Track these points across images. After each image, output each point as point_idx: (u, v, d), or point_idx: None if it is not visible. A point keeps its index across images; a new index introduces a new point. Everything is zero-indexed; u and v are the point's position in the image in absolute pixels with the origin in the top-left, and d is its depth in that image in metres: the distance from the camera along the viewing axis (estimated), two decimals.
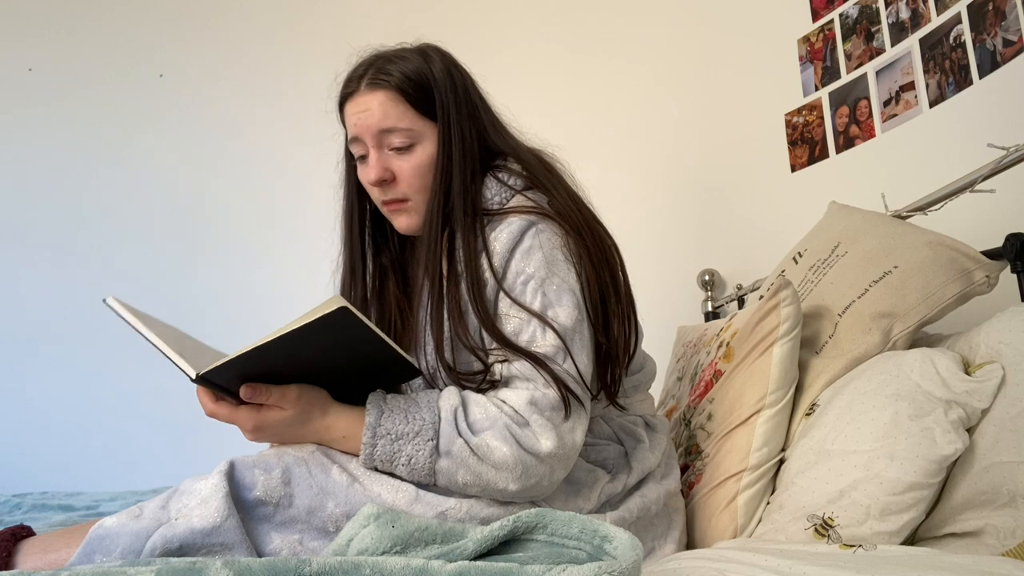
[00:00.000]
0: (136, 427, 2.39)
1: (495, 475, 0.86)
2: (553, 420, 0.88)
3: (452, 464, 0.86)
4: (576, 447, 0.90)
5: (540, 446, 0.86)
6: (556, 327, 0.91)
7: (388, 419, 0.87)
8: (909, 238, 1.20)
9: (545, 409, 0.88)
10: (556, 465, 0.88)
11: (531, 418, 0.88)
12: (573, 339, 0.92)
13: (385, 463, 0.87)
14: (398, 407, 0.89)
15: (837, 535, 0.94)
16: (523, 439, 0.87)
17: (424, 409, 0.88)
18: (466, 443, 0.86)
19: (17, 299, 2.53)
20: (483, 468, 0.86)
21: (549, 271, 0.93)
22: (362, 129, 1.00)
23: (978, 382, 0.94)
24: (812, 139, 1.91)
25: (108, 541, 0.79)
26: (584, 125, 2.30)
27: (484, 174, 1.03)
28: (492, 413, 0.88)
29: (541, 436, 0.87)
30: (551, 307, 0.92)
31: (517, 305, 0.93)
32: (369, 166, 1.01)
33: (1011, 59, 1.37)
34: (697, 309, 2.17)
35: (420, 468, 0.86)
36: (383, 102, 0.99)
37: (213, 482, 0.82)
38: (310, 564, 0.58)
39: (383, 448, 0.87)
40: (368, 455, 0.87)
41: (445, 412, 0.88)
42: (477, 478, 0.87)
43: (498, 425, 0.87)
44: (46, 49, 2.66)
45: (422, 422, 0.87)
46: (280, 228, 2.54)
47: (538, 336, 0.91)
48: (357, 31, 2.64)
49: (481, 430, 0.87)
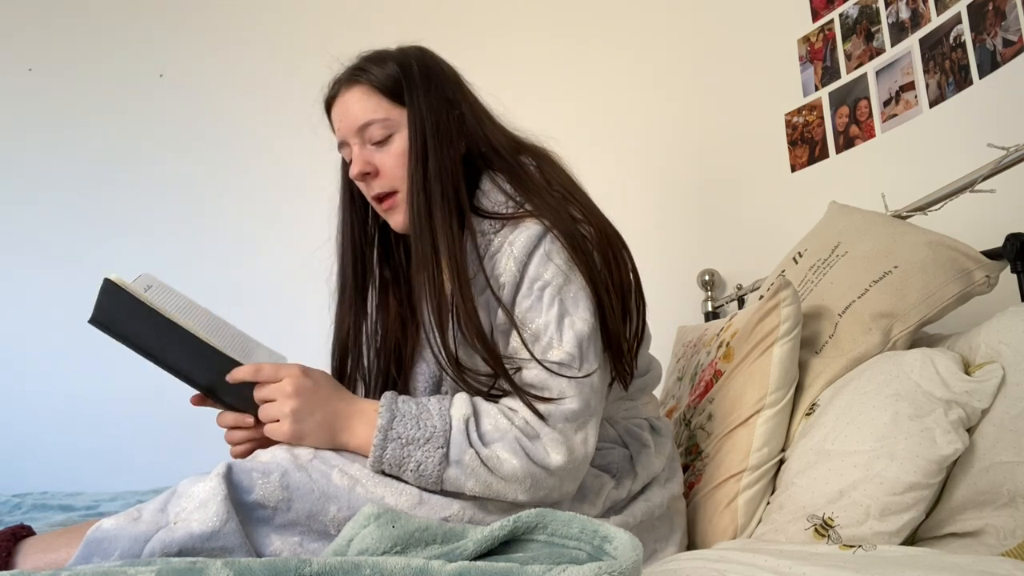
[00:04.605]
0: (136, 427, 2.39)
1: (504, 487, 0.86)
2: (565, 432, 0.88)
3: (461, 474, 0.86)
4: (587, 457, 0.90)
5: (550, 460, 0.86)
6: (573, 334, 0.90)
7: (400, 423, 0.87)
8: (909, 238, 1.20)
9: (558, 421, 0.88)
10: (566, 477, 0.89)
11: (542, 431, 0.87)
12: (589, 347, 0.91)
13: (393, 467, 0.87)
14: (410, 412, 0.88)
15: (837, 535, 0.94)
16: (533, 452, 0.86)
17: (436, 416, 0.88)
18: (476, 454, 0.86)
19: (17, 299, 2.53)
20: (492, 479, 0.86)
21: (567, 278, 0.92)
22: (345, 129, 1.02)
23: (978, 382, 0.94)
24: (812, 139, 1.91)
25: (106, 544, 0.78)
26: (584, 125, 2.30)
27: (479, 172, 1.02)
28: (503, 425, 0.88)
29: (552, 450, 0.87)
30: (568, 315, 0.91)
31: (534, 311, 0.92)
32: (352, 162, 1.02)
33: (1011, 59, 1.37)
34: (697, 309, 2.17)
35: (428, 475, 0.86)
36: (359, 98, 1.01)
37: (211, 485, 0.81)
38: (310, 564, 0.58)
39: (392, 452, 0.86)
40: (377, 457, 0.87)
41: (456, 421, 0.88)
42: (487, 488, 0.87)
43: (508, 437, 0.87)
44: (46, 49, 2.66)
45: (433, 429, 0.87)
46: (281, 228, 2.54)
47: (555, 343, 0.90)
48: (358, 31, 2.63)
49: (492, 442, 0.87)
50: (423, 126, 0.99)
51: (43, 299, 2.51)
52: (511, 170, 1.01)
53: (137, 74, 2.66)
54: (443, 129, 1.00)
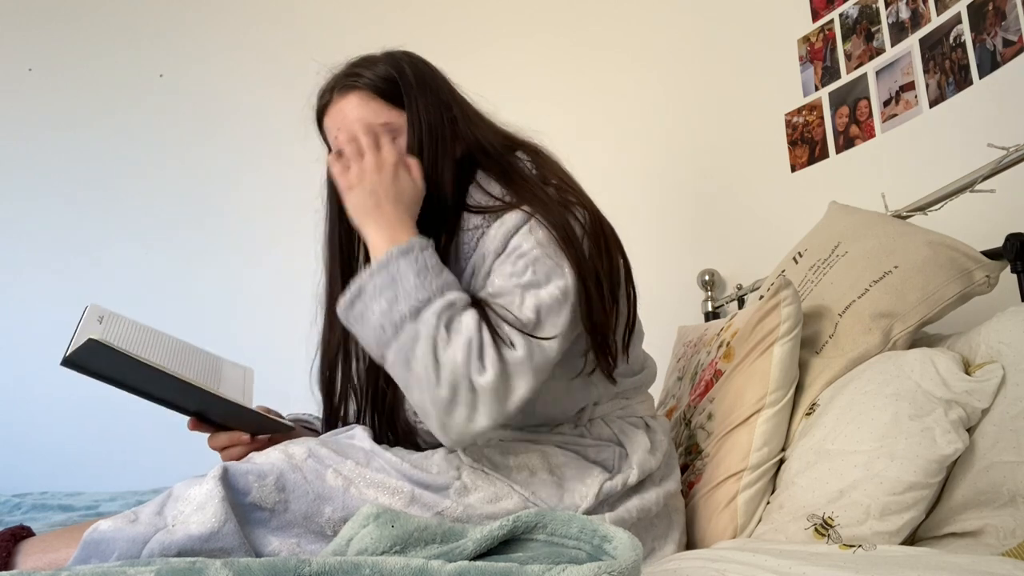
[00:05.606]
0: (136, 427, 2.39)
1: (431, 372, 0.84)
2: (505, 372, 0.86)
3: (417, 333, 0.85)
4: (511, 409, 0.87)
5: (480, 378, 0.84)
6: (535, 302, 0.90)
7: (405, 261, 0.88)
8: (909, 238, 1.20)
9: (509, 363, 0.86)
10: (480, 407, 0.85)
11: (488, 352, 0.85)
12: (548, 317, 0.90)
13: (373, 294, 0.88)
14: (420, 265, 0.89)
15: (837, 535, 0.94)
16: (471, 361, 0.85)
17: (434, 282, 0.88)
18: (439, 328, 0.85)
19: (17, 298, 2.54)
20: (430, 358, 0.84)
21: (545, 254, 0.93)
22: (343, 138, 1.01)
23: (978, 382, 0.94)
24: (812, 139, 1.91)
25: (103, 546, 0.78)
26: (584, 125, 2.30)
27: (471, 172, 1.02)
28: (471, 326, 0.87)
29: (488, 370, 0.85)
30: (536, 286, 0.91)
31: (506, 273, 0.93)
32: None
33: (1011, 59, 1.37)
34: (697, 309, 2.17)
35: (394, 315, 0.86)
36: (357, 104, 1.00)
37: (208, 487, 0.81)
38: (310, 564, 0.58)
39: (382, 279, 0.88)
40: (370, 273, 0.89)
41: (446, 299, 0.88)
42: (422, 366, 0.85)
43: (466, 337, 0.86)
44: (46, 49, 2.66)
45: (426, 290, 0.87)
46: (281, 229, 2.54)
47: (514, 305, 0.90)
48: (358, 31, 2.64)
49: (455, 332, 0.86)
50: (421, 129, 0.99)
51: (43, 299, 2.51)
52: (502, 169, 1.02)
53: (137, 74, 2.66)
54: (440, 132, 1.00)
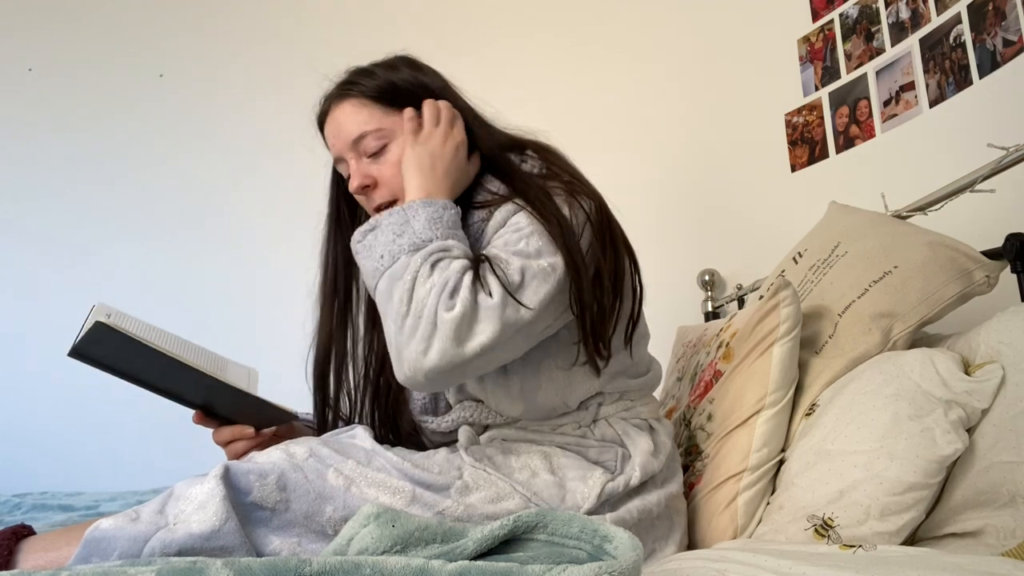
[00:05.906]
0: (137, 427, 2.39)
1: (404, 301, 0.87)
2: (471, 314, 0.86)
3: (407, 265, 0.89)
4: (467, 353, 0.87)
5: (445, 314, 0.85)
6: (520, 265, 0.91)
7: (424, 209, 0.92)
8: (909, 238, 1.20)
9: (480, 307, 0.87)
10: (435, 342, 0.86)
11: (461, 294, 0.86)
12: (531, 283, 0.91)
13: (384, 229, 0.92)
14: (436, 215, 0.93)
15: (837, 535, 0.94)
16: (442, 297, 0.86)
17: (442, 230, 0.92)
18: (425, 264, 0.88)
19: (17, 299, 2.54)
20: (407, 288, 0.88)
21: (539, 230, 0.94)
22: (340, 145, 1.03)
23: (978, 382, 0.94)
24: (812, 139, 1.91)
25: (104, 544, 0.78)
26: (584, 124, 2.30)
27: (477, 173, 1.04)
28: (456, 268, 0.88)
29: (456, 309, 0.85)
30: (527, 256, 0.92)
31: (501, 243, 0.94)
32: (351, 177, 1.02)
33: (1011, 59, 1.37)
34: (697, 309, 2.17)
35: (394, 247, 0.90)
36: (350, 112, 1.02)
37: (209, 486, 0.81)
38: (310, 564, 0.58)
39: (397, 217, 0.92)
40: (390, 212, 0.93)
41: (445, 243, 0.91)
42: (399, 295, 0.88)
43: (446, 276, 0.87)
44: (46, 49, 2.66)
45: (431, 233, 0.91)
46: (281, 229, 2.54)
47: (503, 263, 0.91)
48: (358, 31, 2.64)
49: (438, 270, 0.88)
50: None
51: (43, 299, 2.51)
52: (502, 170, 1.03)
53: (137, 74, 2.66)
54: None
